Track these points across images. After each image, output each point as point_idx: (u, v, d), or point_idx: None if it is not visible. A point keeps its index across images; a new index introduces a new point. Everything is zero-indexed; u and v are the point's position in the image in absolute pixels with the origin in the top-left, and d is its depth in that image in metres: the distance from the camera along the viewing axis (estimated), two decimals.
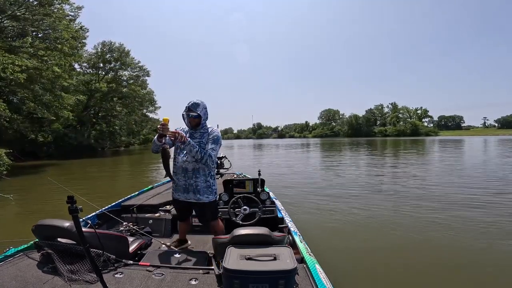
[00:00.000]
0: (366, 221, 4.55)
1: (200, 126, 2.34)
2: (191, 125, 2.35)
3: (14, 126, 15.31)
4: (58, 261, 1.56)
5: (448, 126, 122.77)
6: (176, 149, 2.38)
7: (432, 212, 4.94)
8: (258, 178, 3.17)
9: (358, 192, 6.74)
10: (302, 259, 1.85)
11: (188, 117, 2.30)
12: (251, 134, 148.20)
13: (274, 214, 2.94)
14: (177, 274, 1.62)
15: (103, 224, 3.02)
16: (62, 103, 17.66)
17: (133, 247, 2.12)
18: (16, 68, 12.81)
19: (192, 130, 2.37)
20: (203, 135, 2.34)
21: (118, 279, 1.53)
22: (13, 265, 1.66)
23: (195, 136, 2.33)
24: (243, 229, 1.72)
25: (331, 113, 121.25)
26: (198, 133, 2.35)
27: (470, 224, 4.26)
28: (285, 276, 1.36)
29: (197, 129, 2.35)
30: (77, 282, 1.47)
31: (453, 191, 6.64)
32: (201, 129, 2.35)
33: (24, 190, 8.23)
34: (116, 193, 6.89)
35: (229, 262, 1.44)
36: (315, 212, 5.15)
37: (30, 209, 5.83)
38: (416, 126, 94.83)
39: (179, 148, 2.34)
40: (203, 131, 2.35)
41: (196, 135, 2.34)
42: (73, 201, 1.16)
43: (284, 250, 1.57)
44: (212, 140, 2.30)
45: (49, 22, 16.51)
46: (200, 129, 2.35)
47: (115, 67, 30.88)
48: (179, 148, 2.34)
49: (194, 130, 2.36)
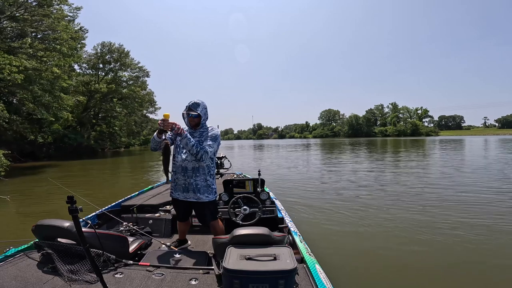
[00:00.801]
0: (366, 221, 4.51)
1: (200, 126, 2.33)
2: (190, 124, 2.34)
3: (13, 127, 15.26)
4: (58, 261, 1.56)
5: (449, 126, 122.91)
6: (176, 148, 2.36)
7: (434, 212, 4.88)
8: (258, 178, 3.16)
9: (359, 192, 6.70)
10: (302, 259, 1.84)
11: (188, 116, 2.29)
12: (251, 135, 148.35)
13: (274, 214, 2.93)
14: (177, 274, 1.62)
15: (103, 224, 3.02)
16: (62, 104, 17.63)
17: (133, 247, 2.11)
18: (13, 69, 12.72)
19: (191, 129, 2.35)
20: (202, 134, 2.33)
21: (118, 279, 1.53)
22: (13, 265, 1.66)
23: (195, 135, 2.32)
24: (243, 229, 1.72)
25: (331, 114, 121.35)
26: (198, 132, 2.34)
27: (471, 224, 4.22)
28: (285, 276, 1.36)
29: (196, 129, 2.33)
30: (77, 282, 1.47)
31: (454, 191, 6.58)
32: (200, 129, 2.34)
33: (24, 191, 8.21)
34: (116, 193, 6.87)
35: (229, 262, 1.44)
36: (315, 212, 5.11)
37: (30, 209, 5.82)
38: (417, 126, 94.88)
39: (179, 147, 2.33)
40: (203, 130, 2.34)
41: (196, 134, 2.33)
42: (73, 201, 1.16)
43: (284, 250, 1.57)
44: (210, 137, 2.29)
45: (48, 23, 16.48)
46: (200, 129, 2.34)
47: (115, 68, 30.85)
48: (178, 147, 2.33)
49: (194, 129, 2.34)
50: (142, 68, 32.90)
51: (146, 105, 36.72)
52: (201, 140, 2.29)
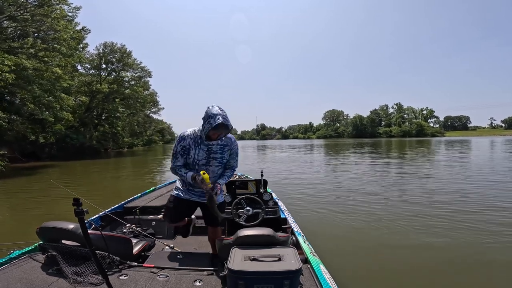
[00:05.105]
0: (370, 222, 4.43)
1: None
2: (212, 138, 1.97)
3: (14, 127, 15.28)
4: (63, 263, 1.56)
5: (455, 126, 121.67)
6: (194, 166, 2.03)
7: (439, 213, 4.76)
8: (260, 179, 3.13)
9: (363, 193, 6.56)
10: (306, 260, 1.84)
11: (220, 135, 1.94)
12: (254, 135, 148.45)
13: (277, 215, 2.92)
14: (181, 276, 1.62)
15: (106, 226, 3.04)
16: (62, 104, 17.62)
17: (137, 248, 2.10)
18: (5, 68, 12.47)
19: (207, 141, 1.99)
20: (224, 150, 2.04)
21: (122, 281, 1.53)
22: (18, 267, 1.66)
23: (214, 150, 2.01)
24: (247, 230, 1.71)
25: (335, 114, 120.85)
26: (217, 146, 2.01)
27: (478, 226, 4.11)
28: (290, 277, 1.36)
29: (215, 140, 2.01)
30: (82, 284, 1.47)
31: (460, 193, 6.35)
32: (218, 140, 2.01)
33: (24, 190, 8.23)
34: (119, 195, 6.85)
35: (234, 263, 1.43)
36: (318, 212, 5.07)
37: (34, 211, 5.80)
38: (422, 126, 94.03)
39: (198, 165, 2.02)
40: (223, 144, 2.02)
41: (215, 148, 2.01)
42: (79, 203, 1.15)
43: (288, 250, 1.56)
44: (235, 153, 2.14)
45: (48, 23, 16.46)
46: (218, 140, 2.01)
47: (117, 68, 30.93)
48: (197, 165, 2.02)
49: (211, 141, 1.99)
50: (144, 68, 32.99)
51: (148, 105, 36.89)
52: (224, 156, 2.05)
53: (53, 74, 16.07)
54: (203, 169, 2.01)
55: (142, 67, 32.74)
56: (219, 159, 2.06)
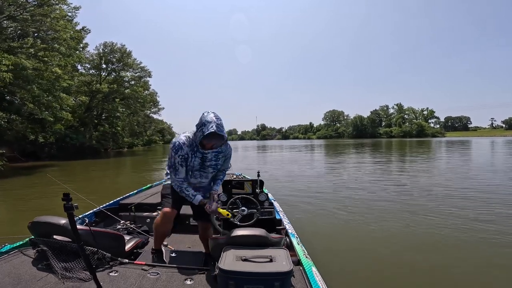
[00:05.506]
0: (364, 225, 4.40)
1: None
2: (206, 147, 1.91)
3: (13, 127, 15.28)
4: (53, 259, 1.56)
5: (455, 127, 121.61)
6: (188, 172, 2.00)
7: (434, 215, 4.71)
8: (257, 179, 3.11)
9: (359, 196, 6.49)
10: (298, 261, 1.82)
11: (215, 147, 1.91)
12: (255, 135, 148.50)
13: (272, 216, 2.89)
14: (172, 274, 1.61)
15: (100, 222, 3.01)
16: (62, 104, 17.60)
17: (129, 245, 2.09)
18: (2, 67, 12.49)
19: (202, 149, 1.93)
20: (218, 157, 2.02)
21: (112, 278, 1.52)
22: (7, 262, 1.65)
23: (209, 157, 1.97)
24: (240, 230, 1.71)
25: (335, 114, 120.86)
26: (212, 154, 1.97)
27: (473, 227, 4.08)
28: (281, 278, 1.36)
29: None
30: (71, 280, 1.46)
31: (457, 193, 6.34)
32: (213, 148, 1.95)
33: (21, 188, 8.23)
34: (115, 191, 6.82)
35: (225, 262, 1.43)
36: (314, 214, 5.01)
37: (26, 206, 5.78)
38: (422, 127, 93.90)
39: (191, 171, 2.00)
40: (217, 151, 1.98)
41: (210, 156, 1.98)
42: (68, 198, 1.14)
43: (280, 252, 1.56)
44: (229, 157, 2.15)
45: (47, 23, 16.46)
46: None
47: (117, 68, 30.93)
48: (191, 171, 2.00)
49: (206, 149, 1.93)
50: (144, 68, 33.01)
51: (148, 105, 36.87)
52: (218, 163, 2.04)
53: (52, 74, 16.08)
54: (197, 174, 2.02)
55: (142, 67, 32.79)
56: (214, 166, 2.05)
